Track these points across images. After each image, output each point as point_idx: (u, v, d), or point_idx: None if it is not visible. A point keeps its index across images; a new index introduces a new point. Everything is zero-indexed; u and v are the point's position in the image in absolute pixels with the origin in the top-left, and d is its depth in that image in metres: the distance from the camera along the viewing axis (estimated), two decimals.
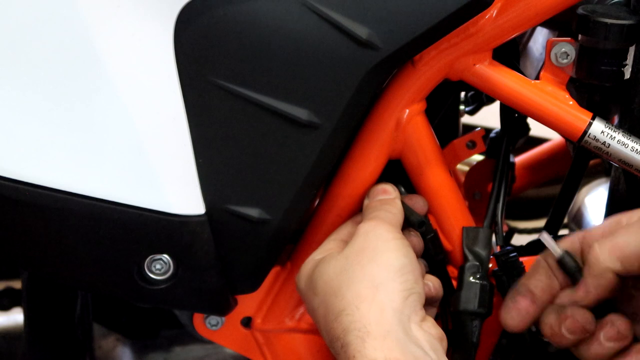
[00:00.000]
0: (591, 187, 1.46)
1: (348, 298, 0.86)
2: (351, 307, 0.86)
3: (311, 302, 0.91)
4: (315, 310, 0.90)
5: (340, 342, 0.84)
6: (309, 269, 0.94)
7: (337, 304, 0.87)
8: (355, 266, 0.89)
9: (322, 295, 0.89)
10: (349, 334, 0.84)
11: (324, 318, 0.88)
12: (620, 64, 0.94)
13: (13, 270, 1.50)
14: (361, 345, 0.83)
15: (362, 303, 0.86)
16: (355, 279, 0.87)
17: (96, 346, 1.48)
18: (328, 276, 0.90)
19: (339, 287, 0.88)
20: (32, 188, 0.91)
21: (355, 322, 0.85)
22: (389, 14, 0.89)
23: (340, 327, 0.85)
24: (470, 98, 1.36)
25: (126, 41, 0.90)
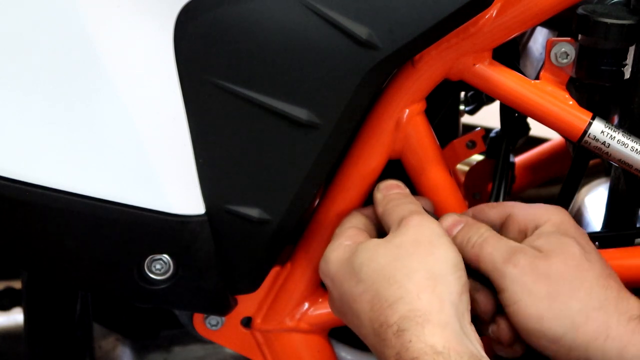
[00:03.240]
0: (591, 187, 1.46)
1: (407, 286, 0.86)
2: (411, 296, 0.85)
3: (351, 287, 0.89)
4: (357, 295, 0.88)
5: (395, 327, 0.84)
6: (343, 253, 0.92)
7: (392, 291, 0.86)
8: (412, 256, 0.88)
9: (371, 281, 0.88)
10: (407, 320, 0.84)
11: (370, 304, 0.87)
12: (620, 64, 0.94)
13: (13, 270, 1.50)
14: (420, 331, 0.82)
15: (423, 293, 0.85)
16: (413, 268, 0.87)
17: (96, 346, 1.48)
18: (378, 263, 0.88)
19: (393, 275, 0.87)
20: (32, 188, 0.91)
21: (415, 310, 0.84)
22: (389, 14, 0.89)
23: (396, 314, 0.84)
24: (470, 98, 1.36)
25: (126, 41, 0.90)
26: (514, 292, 0.88)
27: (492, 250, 0.90)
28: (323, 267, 0.94)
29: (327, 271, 0.93)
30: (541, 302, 0.87)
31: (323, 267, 0.94)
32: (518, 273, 0.88)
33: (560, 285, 0.88)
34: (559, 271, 0.88)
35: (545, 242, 0.90)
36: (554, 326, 0.86)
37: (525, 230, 0.93)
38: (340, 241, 0.94)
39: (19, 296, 1.48)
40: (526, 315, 0.87)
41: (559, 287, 0.88)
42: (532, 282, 0.88)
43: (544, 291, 0.87)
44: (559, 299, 0.87)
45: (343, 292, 0.90)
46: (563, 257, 0.89)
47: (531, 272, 0.88)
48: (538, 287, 0.87)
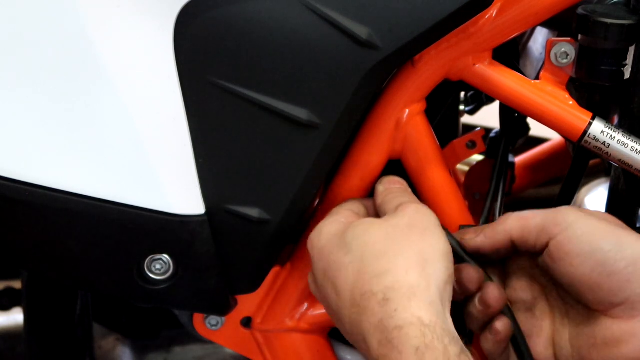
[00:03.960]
0: (591, 187, 1.46)
1: (396, 262, 0.86)
2: (399, 270, 0.85)
3: (339, 257, 0.89)
4: (344, 265, 0.88)
5: (380, 296, 0.83)
6: (337, 228, 0.92)
7: (381, 264, 0.86)
8: (405, 237, 0.88)
9: (360, 253, 0.87)
10: (394, 291, 0.83)
11: (356, 274, 0.86)
12: (620, 64, 0.94)
13: (13, 270, 1.50)
14: (406, 303, 0.82)
15: (412, 270, 0.85)
16: (405, 247, 0.87)
17: (96, 346, 1.49)
18: (370, 238, 0.88)
19: (384, 251, 0.87)
20: (32, 188, 0.92)
21: (401, 283, 0.84)
22: (389, 14, 0.89)
23: (382, 283, 0.84)
24: (470, 98, 1.36)
25: (126, 41, 0.90)
26: (584, 221, 0.87)
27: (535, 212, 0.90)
28: (314, 238, 0.93)
29: (317, 243, 0.92)
30: (615, 229, 0.87)
31: (314, 239, 0.93)
32: (579, 210, 0.88)
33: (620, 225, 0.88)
34: (611, 218, 0.89)
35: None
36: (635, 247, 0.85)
37: None
38: (336, 218, 0.94)
39: (19, 296, 1.48)
40: (605, 236, 0.86)
41: (621, 225, 0.88)
42: (596, 218, 0.88)
43: (611, 224, 0.87)
44: (627, 229, 0.87)
45: (329, 263, 0.90)
46: (604, 214, 0.91)
47: (589, 213, 0.88)
48: (604, 221, 0.88)
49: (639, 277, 0.85)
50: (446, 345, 0.80)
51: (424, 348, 0.79)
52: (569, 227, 0.87)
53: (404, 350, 0.80)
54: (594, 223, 0.87)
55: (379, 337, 0.82)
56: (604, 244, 0.85)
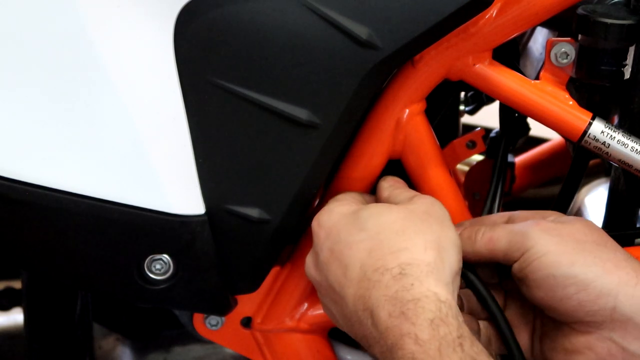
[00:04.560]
0: (591, 187, 1.46)
1: (415, 240, 0.86)
2: (417, 248, 0.85)
3: (350, 235, 0.88)
4: (355, 243, 0.88)
5: (397, 270, 0.83)
6: (348, 207, 0.92)
7: (399, 241, 0.86)
8: (423, 222, 0.88)
9: (375, 231, 0.87)
10: (411, 267, 0.84)
11: (368, 251, 0.86)
12: (620, 64, 0.94)
13: (13, 270, 1.50)
14: (424, 279, 0.83)
15: (430, 250, 0.85)
16: (423, 230, 0.87)
17: (96, 346, 1.48)
18: (388, 218, 0.88)
19: (402, 230, 0.87)
20: (32, 188, 0.91)
21: (419, 260, 0.84)
22: (389, 14, 0.89)
23: (399, 259, 0.84)
24: (470, 98, 1.36)
25: (126, 41, 0.90)
26: (542, 245, 0.87)
27: (508, 228, 0.90)
28: (323, 217, 0.92)
29: (326, 221, 0.92)
30: (571, 250, 0.87)
31: (323, 217, 0.92)
32: (543, 231, 0.88)
33: (585, 241, 0.88)
34: (582, 232, 0.89)
35: (562, 218, 0.91)
36: (586, 271, 0.86)
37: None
38: (345, 201, 0.94)
39: (19, 296, 1.48)
40: (555, 263, 0.86)
41: (585, 241, 0.88)
42: (558, 235, 0.88)
43: (571, 244, 0.87)
44: (587, 250, 0.87)
45: (339, 240, 0.89)
46: (583, 224, 0.90)
47: (555, 232, 0.88)
48: (565, 241, 0.88)
49: (589, 301, 0.86)
50: (460, 322, 0.81)
51: (438, 321, 0.80)
52: (528, 251, 0.87)
53: (418, 322, 0.80)
54: (552, 247, 0.87)
55: (390, 309, 0.81)
56: (555, 270, 0.86)
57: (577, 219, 0.91)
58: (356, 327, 0.86)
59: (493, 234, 0.90)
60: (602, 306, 0.85)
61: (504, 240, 0.89)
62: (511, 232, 0.89)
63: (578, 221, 0.91)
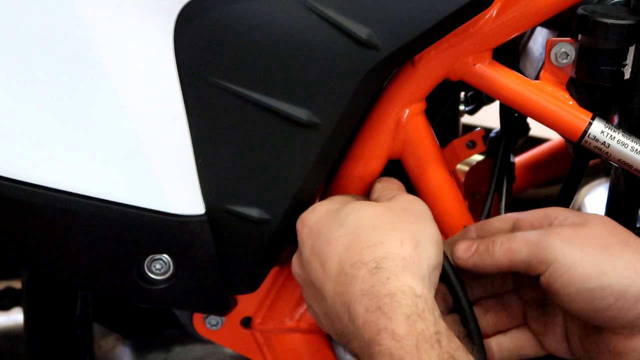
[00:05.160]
0: (591, 187, 1.46)
1: (391, 235, 0.86)
2: (394, 242, 0.85)
3: (330, 232, 0.88)
4: (334, 238, 0.88)
5: (372, 264, 0.83)
6: (331, 206, 0.92)
7: (375, 235, 0.86)
8: (400, 217, 0.88)
9: (354, 227, 0.87)
10: (387, 261, 0.83)
11: (346, 246, 0.86)
12: (620, 64, 0.94)
13: (13, 270, 1.50)
14: (400, 273, 0.82)
15: (406, 244, 0.85)
16: (400, 225, 0.87)
17: (96, 346, 1.48)
18: (366, 214, 0.88)
19: (379, 225, 0.87)
20: (32, 188, 0.92)
21: (395, 254, 0.84)
22: (389, 14, 0.89)
23: (375, 253, 0.84)
24: (470, 98, 1.35)
25: (126, 41, 0.90)
26: (566, 256, 0.85)
27: (525, 237, 0.88)
28: (307, 216, 0.92)
29: (309, 220, 0.92)
30: (598, 257, 0.85)
31: (307, 217, 0.92)
32: (563, 240, 0.86)
33: (609, 242, 0.86)
34: (603, 232, 0.87)
35: (576, 219, 0.89)
36: (620, 278, 0.84)
37: (539, 227, 0.92)
38: (332, 199, 0.95)
39: (19, 296, 1.48)
40: (586, 275, 0.84)
41: (609, 243, 0.86)
42: (581, 243, 0.86)
43: (597, 247, 0.85)
44: (614, 253, 0.85)
45: (319, 237, 0.89)
46: (600, 222, 0.88)
47: (577, 239, 0.86)
48: (589, 246, 0.85)
49: (629, 307, 0.84)
50: (437, 318, 0.80)
51: (415, 316, 0.79)
52: (552, 265, 0.86)
53: (394, 317, 0.79)
54: (576, 257, 0.85)
55: (367, 303, 0.81)
56: (588, 283, 0.84)
57: (592, 218, 0.89)
58: (335, 323, 0.86)
59: (512, 245, 0.88)
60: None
61: (524, 251, 0.88)
62: (530, 243, 0.87)
63: (595, 221, 0.89)
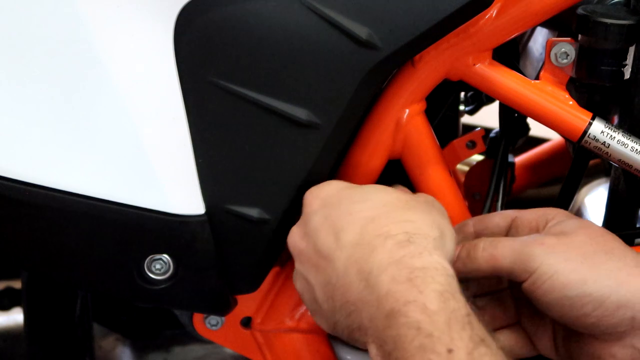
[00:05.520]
0: (591, 187, 1.46)
1: (421, 216, 0.85)
2: (424, 223, 0.84)
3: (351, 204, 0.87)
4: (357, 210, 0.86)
5: (402, 237, 0.82)
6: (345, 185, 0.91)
7: (405, 214, 0.85)
8: (426, 207, 0.88)
9: (380, 203, 0.87)
10: (418, 237, 0.82)
11: (370, 219, 0.85)
12: (620, 64, 0.94)
13: (13, 270, 1.50)
14: (432, 250, 0.81)
15: (434, 229, 0.85)
16: (426, 212, 0.87)
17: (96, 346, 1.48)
18: (394, 196, 0.88)
19: (407, 207, 0.86)
20: (32, 188, 0.92)
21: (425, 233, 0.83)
22: (389, 14, 0.89)
23: (403, 228, 0.83)
24: (470, 98, 1.36)
25: (126, 41, 0.90)
26: (549, 265, 0.85)
27: (509, 244, 0.89)
28: (320, 189, 0.91)
29: (322, 192, 0.91)
30: (580, 266, 0.85)
31: (320, 189, 0.91)
32: (547, 248, 0.86)
33: (593, 250, 0.86)
34: (587, 241, 0.87)
35: (564, 226, 0.89)
36: (600, 287, 0.84)
37: (536, 227, 0.92)
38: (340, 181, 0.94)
39: (19, 296, 1.48)
40: (567, 283, 0.85)
41: (593, 252, 0.86)
42: (564, 251, 0.86)
43: (579, 256, 0.86)
44: (596, 260, 0.86)
45: (336, 208, 0.88)
46: (587, 232, 0.88)
47: (560, 245, 0.87)
48: (572, 254, 0.86)
49: (608, 315, 0.85)
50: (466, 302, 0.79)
51: (448, 294, 0.78)
52: (535, 273, 0.86)
53: (426, 291, 0.77)
54: (560, 265, 0.85)
55: (395, 273, 0.79)
56: (568, 291, 0.85)
57: (580, 226, 0.90)
58: (338, 294, 0.84)
59: (495, 252, 0.88)
60: (621, 318, 0.85)
61: (508, 259, 0.88)
62: (515, 251, 0.87)
63: (582, 228, 0.89)
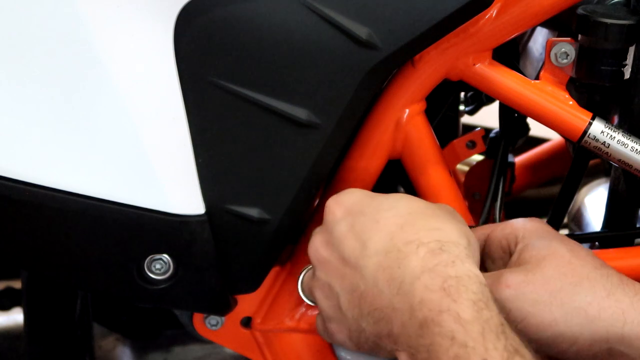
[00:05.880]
0: (591, 187, 1.46)
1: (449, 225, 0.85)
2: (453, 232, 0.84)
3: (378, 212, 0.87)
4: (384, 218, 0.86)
5: (434, 245, 0.82)
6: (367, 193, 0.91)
7: (433, 222, 0.85)
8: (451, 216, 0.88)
9: (407, 211, 0.86)
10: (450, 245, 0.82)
11: (399, 225, 0.85)
12: (620, 64, 0.94)
13: (13, 270, 1.50)
14: (465, 258, 0.81)
15: (463, 238, 0.84)
16: (453, 221, 0.86)
17: (96, 346, 1.49)
18: (419, 204, 0.88)
19: (434, 216, 0.86)
20: (32, 188, 0.92)
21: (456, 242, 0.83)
22: (389, 14, 0.89)
23: (434, 236, 0.83)
24: (470, 98, 1.36)
25: (126, 41, 0.90)
26: (518, 309, 0.85)
27: None
28: (343, 197, 0.90)
29: (346, 200, 0.90)
30: (549, 306, 0.85)
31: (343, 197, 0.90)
32: (514, 290, 0.86)
33: (561, 285, 0.86)
34: (554, 274, 0.86)
35: (532, 252, 0.88)
36: (571, 325, 0.84)
37: (507, 246, 0.92)
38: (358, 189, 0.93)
39: (19, 296, 1.48)
40: (539, 325, 0.85)
41: (561, 287, 0.86)
42: (532, 291, 0.85)
43: (547, 295, 0.85)
44: (565, 297, 0.85)
45: (360, 216, 0.87)
46: (553, 261, 0.87)
47: (527, 284, 0.86)
48: (540, 293, 0.85)
49: (584, 349, 0.85)
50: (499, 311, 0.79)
51: (482, 304, 0.78)
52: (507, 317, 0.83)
53: (459, 300, 0.77)
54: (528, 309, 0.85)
55: (428, 282, 0.79)
56: (542, 333, 0.85)
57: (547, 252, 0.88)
58: (367, 301, 0.84)
59: None
60: (597, 351, 0.85)
61: None
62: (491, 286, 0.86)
63: (549, 256, 0.88)
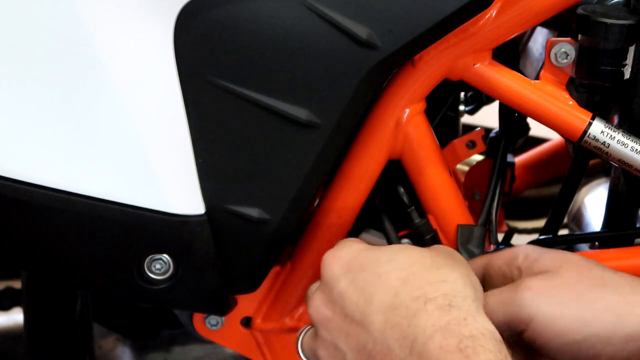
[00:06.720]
0: (591, 187, 1.46)
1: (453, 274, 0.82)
2: (457, 283, 0.81)
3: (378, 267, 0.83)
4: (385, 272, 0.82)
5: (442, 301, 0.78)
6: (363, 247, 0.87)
7: (436, 274, 0.81)
8: (451, 260, 0.85)
9: (407, 263, 0.82)
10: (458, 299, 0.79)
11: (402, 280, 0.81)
12: (620, 64, 0.94)
13: (13, 270, 1.50)
14: (476, 313, 0.78)
15: (468, 287, 0.81)
16: (456, 267, 0.83)
17: (96, 346, 1.49)
18: (419, 254, 0.84)
19: (436, 265, 0.83)
20: (32, 188, 0.92)
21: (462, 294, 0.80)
22: (388, 14, 0.89)
23: (439, 290, 0.79)
24: (470, 98, 1.35)
25: (126, 41, 0.90)
26: (544, 313, 0.83)
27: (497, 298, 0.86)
28: (339, 252, 0.87)
29: (343, 255, 0.86)
30: (577, 308, 0.83)
31: (339, 252, 0.87)
32: (536, 294, 0.84)
33: (585, 287, 0.84)
34: (577, 278, 0.85)
35: (545, 263, 0.87)
36: (604, 324, 0.83)
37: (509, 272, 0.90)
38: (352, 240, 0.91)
39: (19, 296, 1.48)
40: (568, 330, 0.83)
41: (586, 288, 0.84)
42: (557, 294, 0.84)
43: (574, 295, 0.83)
44: (593, 297, 0.84)
45: (360, 272, 0.84)
46: (571, 267, 0.86)
47: (550, 288, 0.84)
48: (565, 295, 0.84)
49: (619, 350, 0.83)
50: None
51: None
52: (532, 323, 0.83)
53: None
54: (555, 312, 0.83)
55: (443, 342, 0.76)
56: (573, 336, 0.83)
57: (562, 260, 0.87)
58: (378, 359, 0.81)
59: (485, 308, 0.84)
60: (632, 349, 0.83)
61: (500, 313, 0.85)
62: (504, 303, 0.85)
63: (565, 263, 0.87)
